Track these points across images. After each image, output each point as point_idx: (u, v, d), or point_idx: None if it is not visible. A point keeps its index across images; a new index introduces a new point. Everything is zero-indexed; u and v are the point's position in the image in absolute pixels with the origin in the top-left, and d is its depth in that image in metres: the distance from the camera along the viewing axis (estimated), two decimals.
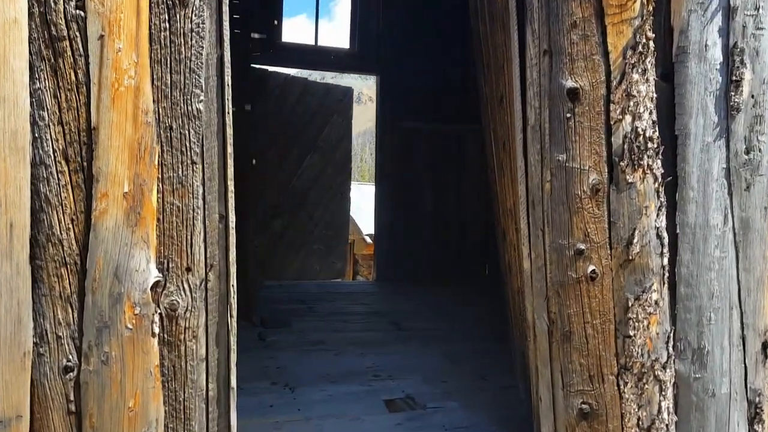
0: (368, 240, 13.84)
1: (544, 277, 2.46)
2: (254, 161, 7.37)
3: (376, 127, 7.89)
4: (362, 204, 15.65)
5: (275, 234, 7.54)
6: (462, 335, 4.62)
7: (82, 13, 1.84)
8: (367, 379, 3.50)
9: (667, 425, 2.44)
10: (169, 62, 1.95)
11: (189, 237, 1.96)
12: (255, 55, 7.55)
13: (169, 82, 1.96)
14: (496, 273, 3.28)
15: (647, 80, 2.47)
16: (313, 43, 8.08)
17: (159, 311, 1.94)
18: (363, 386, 3.39)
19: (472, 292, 6.49)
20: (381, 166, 7.78)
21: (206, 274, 2.00)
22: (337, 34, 8.15)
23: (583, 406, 2.40)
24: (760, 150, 2.55)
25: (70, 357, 1.85)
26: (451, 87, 7.96)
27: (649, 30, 2.41)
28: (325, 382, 3.43)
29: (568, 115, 2.40)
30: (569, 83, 2.40)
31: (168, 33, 1.94)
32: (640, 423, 2.40)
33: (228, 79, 2.05)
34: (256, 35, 7.52)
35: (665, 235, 2.47)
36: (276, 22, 7.75)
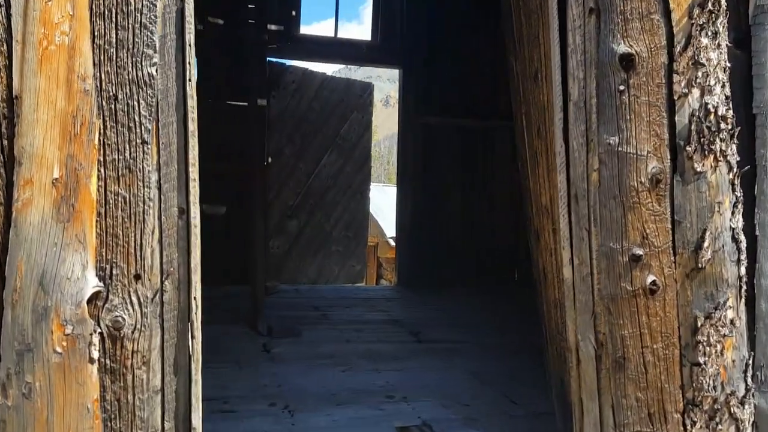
0: (392, 243, 13.38)
1: (590, 289, 1.99)
2: (270, 159, 7.01)
3: (399, 123, 7.45)
4: (387, 206, 15.23)
5: (291, 235, 7.15)
6: (489, 349, 4.15)
7: None
8: (379, 402, 3.05)
9: None
10: (114, 15, 1.54)
11: (138, 236, 1.55)
12: (271, 47, 7.19)
13: (114, 40, 1.55)
14: (528, 278, 2.87)
15: (718, 46, 1.99)
16: (332, 34, 7.68)
17: (99, 330, 1.53)
18: (373, 410, 2.94)
19: (502, 300, 6.01)
20: (403, 164, 7.34)
21: (161, 283, 1.58)
22: (366, 36, 7.77)
23: None
24: None
25: None
26: (480, 80, 7.48)
27: None
28: (331, 404, 2.99)
29: (621, 87, 1.93)
30: (622, 48, 1.93)
31: None
32: None
33: (190, 37, 1.63)
34: (272, 26, 7.17)
35: (742, 238, 1.99)
36: (294, 13, 7.35)
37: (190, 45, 1.63)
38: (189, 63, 1.63)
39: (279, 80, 7.09)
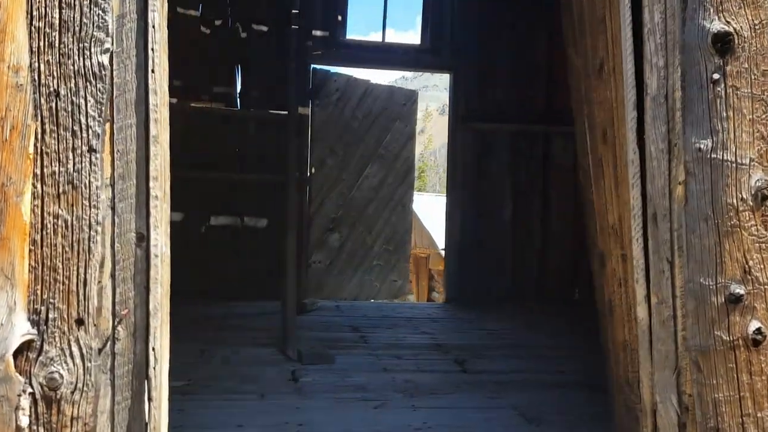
0: (444, 254, 12.93)
1: (672, 337, 1.55)
2: (312, 170, 6.74)
3: (449, 130, 7.04)
4: (440, 216, 14.79)
5: (333, 249, 6.83)
6: (544, 381, 3.68)
7: None
8: None
9: None
10: None
11: (83, 270, 1.21)
12: (315, 53, 6.94)
13: (56, 21, 1.23)
14: (591, 298, 2.45)
15: None
16: (380, 39, 7.35)
17: (30, 390, 1.20)
18: None
19: (561, 322, 5.50)
20: (453, 173, 6.92)
21: (113, 329, 1.24)
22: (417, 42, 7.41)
23: None
24: None
25: None
26: (536, 82, 7.03)
27: None
28: None
29: (716, 76, 1.49)
30: (716, 26, 1.49)
31: None
32: None
33: (155, 16, 1.29)
34: (317, 32, 6.91)
35: None
36: (340, 18, 7.06)
37: (154, 27, 1.29)
38: (152, 50, 1.29)
39: (322, 88, 6.81)
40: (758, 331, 1.48)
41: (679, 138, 1.51)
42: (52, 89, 1.21)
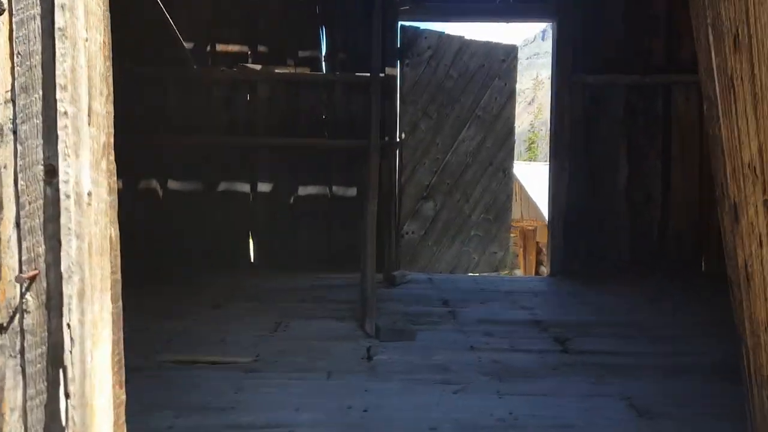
0: None
1: None
2: (403, 135, 6.34)
3: (552, 85, 6.36)
4: (545, 185, 13.92)
5: (427, 219, 6.43)
6: (660, 366, 3.10)
7: None
8: None
9: None
10: None
11: None
12: (403, 9, 6.49)
13: None
14: (721, 270, 1.92)
15: None
16: None
17: None
18: None
19: (683, 297, 4.80)
20: (557, 134, 6.25)
21: (21, 298, 0.92)
22: None
23: None
24: None
25: None
26: (653, 25, 6.18)
27: None
28: None
29: None
30: None
31: None
32: None
33: None
34: None
35: None
36: None
37: None
38: None
39: (412, 46, 6.37)
40: None
41: None
42: None
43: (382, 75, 6.06)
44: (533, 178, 14.40)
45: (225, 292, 4.79)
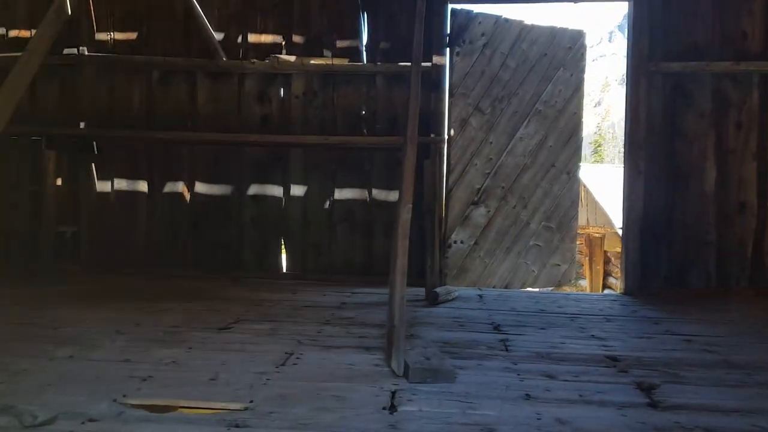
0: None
1: None
2: (452, 132, 5.61)
3: (628, 74, 5.50)
4: (616, 190, 12.84)
5: (478, 227, 5.67)
6: None
7: None
8: None
9: None
10: None
11: None
12: None
13: None
14: None
15: None
16: None
17: None
18: None
19: None
20: (632, 131, 5.39)
21: None
22: None
23: None
24: None
25: None
26: (747, 5, 5.29)
27: None
28: None
29: None
30: None
31: None
32: None
33: None
34: None
35: None
36: None
37: None
38: None
39: (464, 33, 5.63)
40: None
41: None
42: None
43: (427, 64, 5.35)
44: (601, 180, 13.32)
45: (241, 309, 4.18)
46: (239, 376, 2.72)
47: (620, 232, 11.26)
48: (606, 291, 12.17)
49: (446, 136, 5.53)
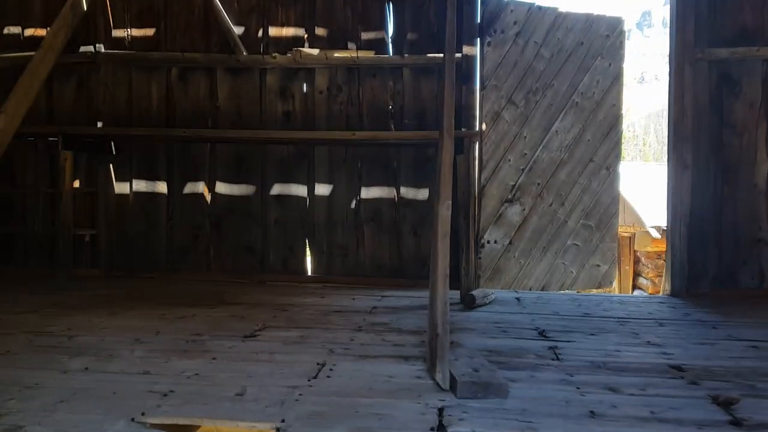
0: (654, 233, 10.72)
1: None
2: (483, 126, 5.33)
3: (671, 61, 5.17)
4: (645, 188, 12.44)
5: (512, 226, 5.37)
6: None
7: None
8: None
9: None
10: None
11: None
12: None
13: None
14: None
15: None
16: None
17: None
18: None
19: None
20: (677, 123, 5.06)
21: None
22: None
23: None
24: None
25: None
26: None
27: None
28: None
29: None
30: None
31: None
32: None
33: None
34: None
35: None
36: None
37: None
38: None
39: (496, 21, 5.35)
40: None
41: None
42: None
43: (458, 55, 5.08)
44: (627, 176, 12.89)
45: (267, 315, 3.93)
46: (268, 391, 2.47)
47: (651, 231, 10.88)
48: (636, 292, 11.78)
49: (479, 130, 5.24)
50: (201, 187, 5.58)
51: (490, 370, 2.61)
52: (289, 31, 5.53)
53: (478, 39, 5.31)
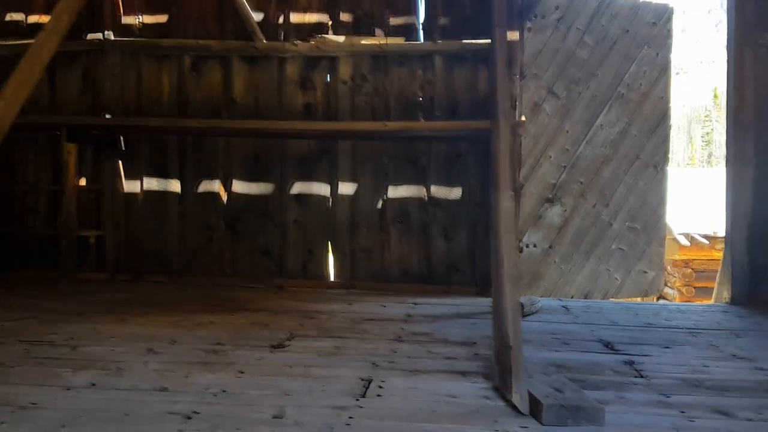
0: (683, 240, 10.29)
1: None
2: (523, 118, 4.92)
3: (729, 48, 4.76)
4: (675, 191, 12.02)
5: (552, 228, 4.95)
6: None
7: None
8: None
9: None
10: None
11: None
12: None
13: None
14: None
15: None
16: None
17: None
18: None
19: None
20: (739, 114, 4.63)
21: None
22: None
23: None
24: None
25: None
26: None
27: None
28: None
29: None
30: None
31: None
32: None
33: None
34: None
35: None
36: None
37: None
38: None
39: (535, 6, 4.96)
40: None
41: None
42: None
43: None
44: None
45: (293, 322, 3.52)
46: (311, 412, 2.05)
47: (681, 239, 10.43)
48: (660, 301, 11.32)
49: (518, 123, 4.83)
50: (215, 186, 5.17)
51: (577, 391, 2.18)
52: (311, 17, 5.14)
53: (519, 25, 4.91)
